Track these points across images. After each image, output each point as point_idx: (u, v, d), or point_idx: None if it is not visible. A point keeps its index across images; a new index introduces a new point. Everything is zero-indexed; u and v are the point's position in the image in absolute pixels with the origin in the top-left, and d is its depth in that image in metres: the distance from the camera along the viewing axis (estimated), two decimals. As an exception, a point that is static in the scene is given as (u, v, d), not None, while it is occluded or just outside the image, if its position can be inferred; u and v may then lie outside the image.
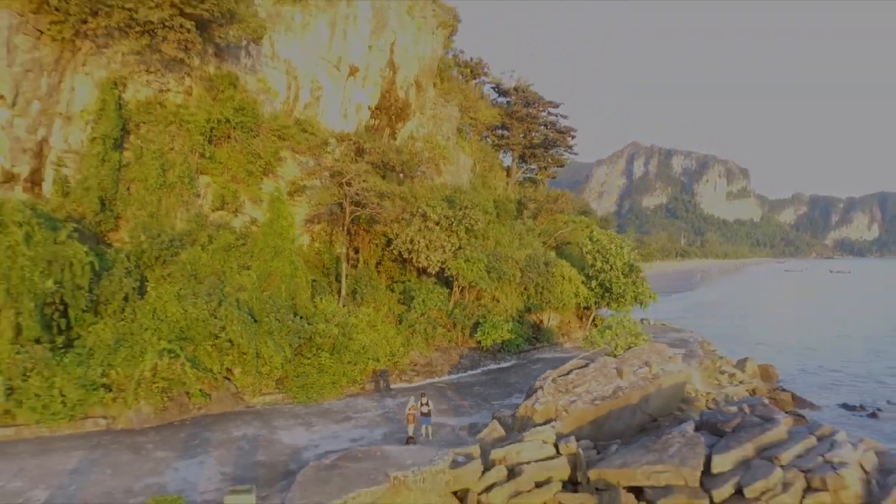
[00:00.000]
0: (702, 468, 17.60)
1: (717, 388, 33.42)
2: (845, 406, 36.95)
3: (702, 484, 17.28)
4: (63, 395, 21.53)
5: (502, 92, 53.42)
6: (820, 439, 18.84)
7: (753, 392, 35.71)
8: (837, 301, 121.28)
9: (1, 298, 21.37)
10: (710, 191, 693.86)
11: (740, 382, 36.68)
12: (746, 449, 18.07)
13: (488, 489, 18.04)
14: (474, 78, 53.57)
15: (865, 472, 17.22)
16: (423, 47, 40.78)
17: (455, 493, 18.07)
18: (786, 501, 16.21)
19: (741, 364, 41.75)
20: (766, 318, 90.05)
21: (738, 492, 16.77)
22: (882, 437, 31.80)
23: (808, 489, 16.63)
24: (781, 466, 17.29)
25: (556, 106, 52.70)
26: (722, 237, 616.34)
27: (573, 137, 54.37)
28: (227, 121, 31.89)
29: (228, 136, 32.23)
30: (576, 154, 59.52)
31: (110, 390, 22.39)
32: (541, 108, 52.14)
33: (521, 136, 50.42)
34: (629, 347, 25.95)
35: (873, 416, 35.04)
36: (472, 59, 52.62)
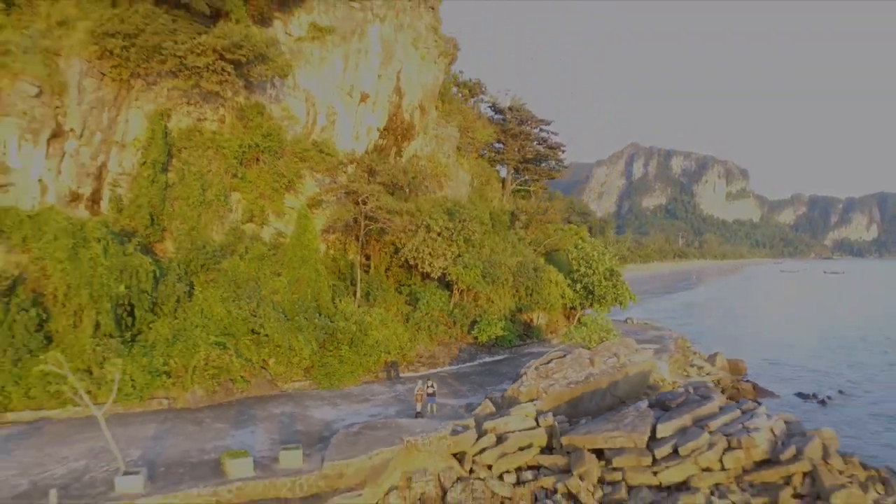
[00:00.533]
0: (649, 434, 22.51)
1: (684, 377, 38.25)
2: (800, 395, 41.80)
3: (648, 446, 22.18)
4: (133, 380, 26.40)
5: (498, 110, 58.39)
6: (744, 412, 23.76)
7: (718, 382, 40.55)
8: (822, 301, 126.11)
9: (85, 300, 26.26)
10: (710, 191, 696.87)
11: (707, 374, 41.61)
12: (685, 419, 22.96)
13: (481, 452, 22.92)
14: (472, 97, 58.66)
15: (775, 435, 22.09)
16: (426, 75, 45.66)
17: (455, 455, 22.95)
18: (709, 457, 21.13)
19: (712, 358, 46.55)
20: (749, 317, 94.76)
21: (675, 451, 21.65)
22: (826, 420, 36.72)
23: (728, 448, 21.52)
24: (710, 432, 22.20)
25: (548, 123, 57.72)
26: (721, 238, 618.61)
27: (563, 152, 59.27)
28: (257, 145, 36.77)
29: (257, 159, 37.11)
30: (566, 167, 64.28)
31: (170, 376, 27.24)
32: (533, 126, 57.07)
33: (516, 150, 55.36)
34: (601, 341, 30.79)
35: (822, 403, 39.91)
36: (470, 80, 57.69)
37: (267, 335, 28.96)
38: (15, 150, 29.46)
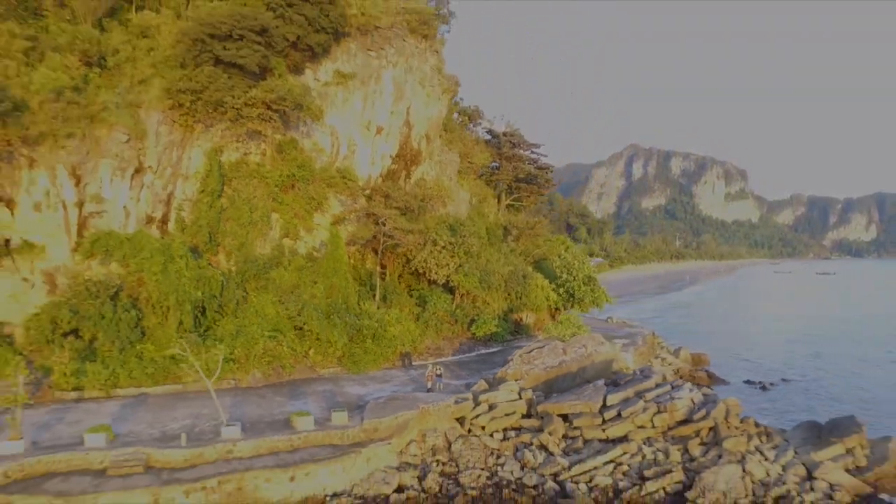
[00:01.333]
0: (601, 402, 30.55)
1: (647, 366, 46.21)
2: (748, 382, 49.81)
3: (600, 411, 30.22)
4: (208, 366, 34.39)
5: (494, 135, 66.37)
6: (674, 387, 31.80)
7: (677, 371, 48.58)
8: (802, 301, 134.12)
9: (172, 303, 34.29)
10: (709, 192, 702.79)
11: (669, 364, 49.64)
12: (628, 392, 31.01)
13: (477, 416, 30.93)
14: (471, 122, 66.68)
15: (693, 403, 30.13)
16: (432, 109, 53.66)
17: (457, 419, 30.94)
18: (643, 418, 29.17)
19: (677, 352, 54.74)
20: (728, 315, 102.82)
21: (619, 414, 29.68)
22: (761, 400, 44.68)
23: (658, 412, 29.54)
24: (645, 401, 30.23)
25: (538, 146, 65.85)
26: (720, 238, 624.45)
27: (551, 173, 67.14)
28: (293, 174, 44.78)
29: (293, 185, 45.12)
30: (554, 185, 72.37)
31: (235, 362, 35.20)
32: (525, 149, 65.02)
33: (510, 171, 63.25)
34: (574, 335, 38.79)
35: (764, 388, 47.91)
36: (469, 107, 65.78)
37: (309, 330, 36.98)
38: (108, 184, 37.52)
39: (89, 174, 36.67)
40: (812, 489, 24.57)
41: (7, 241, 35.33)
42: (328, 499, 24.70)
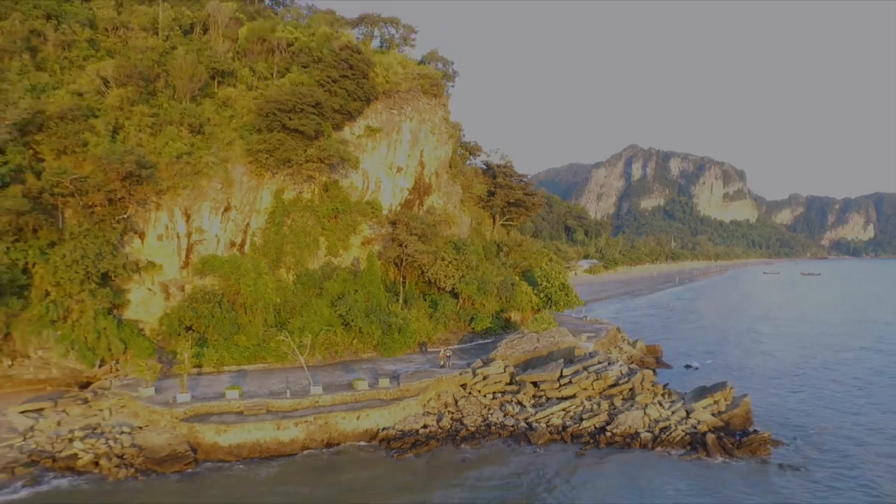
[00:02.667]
0: (559, 373, 45.37)
1: (595, 350, 60.87)
2: (686, 366, 64.47)
3: (558, 379, 45.01)
4: (286, 351, 49.23)
5: (490, 167, 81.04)
6: (609, 363, 46.68)
7: (630, 358, 63.21)
8: (772, 301, 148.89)
9: (260, 306, 49.13)
10: (707, 193, 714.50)
11: (625, 352, 64.30)
12: (577, 366, 45.89)
13: (475, 383, 45.76)
14: (471, 156, 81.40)
15: (621, 373, 44.99)
16: (440, 151, 68.42)
17: (461, 385, 45.76)
18: (585, 382, 44.04)
19: (634, 343, 69.34)
20: (696, 312, 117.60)
21: (570, 381, 44.50)
22: (695, 377, 59.07)
23: (596, 379, 44.39)
24: (588, 372, 45.10)
25: (526, 176, 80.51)
26: (718, 238, 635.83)
27: (536, 197, 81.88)
28: (335, 208, 59.57)
29: (335, 216, 59.89)
30: (540, 206, 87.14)
31: (304, 348, 50.01)
32: (516, 179, 79.63)
33: (503, 196, 77.90)
34: (546, 329, 53.56)
35: (696, 369, 62.59)
36: (470, 143, 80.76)
37: (354, 325, 51.80)
38: (207, 219, 52.32)
39: (195, 213, 51.53)
40: (685, 422, 39.34)
41: (136, 263, 50.13)
42: (381, 430, 39.50)
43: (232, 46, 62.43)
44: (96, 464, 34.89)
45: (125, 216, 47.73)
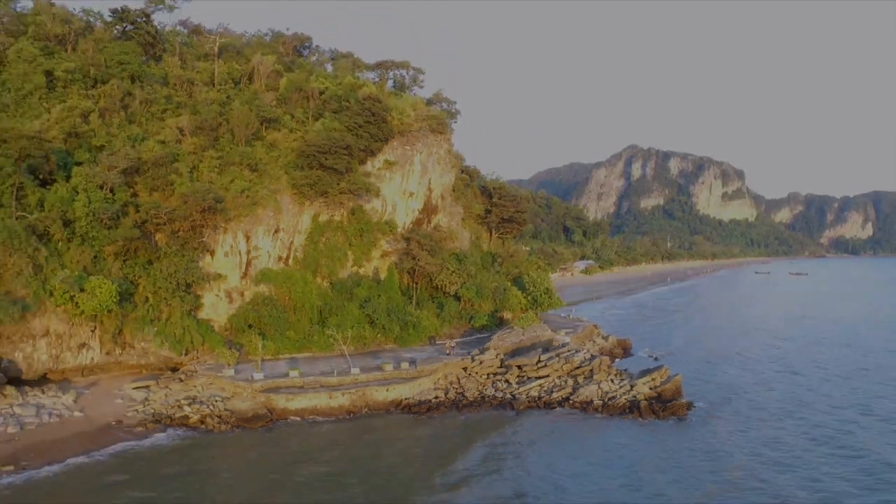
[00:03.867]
0: (537, 358, 60.03)
1: (580, 344, 75.42)
2: (649, 356, 78.84)
3: (536, 363, 59.56)
4: (326, 343, 63.82)
5: (486, 190, 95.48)
6: (577, 351, 61.34)
7: (601, 349, 77.64)
8: (751, 300, 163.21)
9: (307, 308, 63.76)
10: (706, 192, 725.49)
11: (597, 344, 78.84)
12: (552, 353, 60.63)
13: (474, 367, 60.43)
14: (471, 179, 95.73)
15: (585, 358, 59.62)
16: (444, 178, 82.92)
17: (463, 367, 60.41)
18: (557, 365, 58.76)
19: (607, 337, 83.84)
20: (672, 310, 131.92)
21: (545, 364, 59.15)
22: (649, 364, 73.43)
23: (565, 363, 59.04)
24: (559, 357, 59.75)
25: (517, 197, 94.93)
26: (718, 237, 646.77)
27: (526, 214, 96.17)
28: (360, 228, 74.16)
29: (360, 234, 74.47)
30: (528, 222, 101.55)
31: (340, 341, 64.61)
32: (508, 198, 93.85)
33: (497, 213, 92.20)
34: (529, 325, 68.10)
35: (655, 359, 77.01)
36: (470, 167, 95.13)
37: (378, 323, 66.41)
38: (261, 239, 66.92)
39: (253, 234, 66.12)
40: (628, 394, 53.83)
41: (208, 274, 64.62)
42: (403, 400, 54.05)
43: (274, 95, 76.95)
44: (202, 421, 49.51)
45: (202, 239, 62.30)
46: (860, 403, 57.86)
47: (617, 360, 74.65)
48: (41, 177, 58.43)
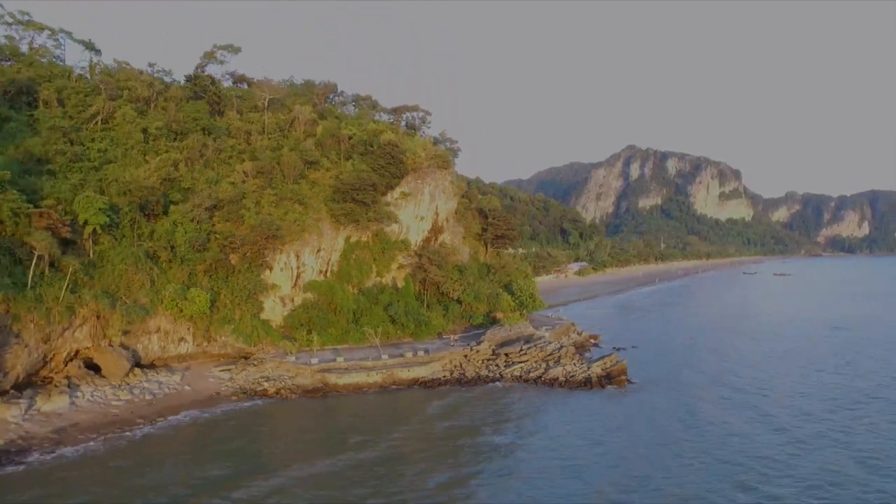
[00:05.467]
0: (520, 348, 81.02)
1: (557, 338, 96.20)
2: (614, 348, 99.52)
3: (519, 350, 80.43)
4: (361, 337, 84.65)
5: (483, 212, 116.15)
6: (550, 342, 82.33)
7: (575, 343, 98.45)
8: (727, 301, 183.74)
9: (345, 310, 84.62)
10: (703, 192, 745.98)
11: (571, 339, 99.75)
12: (531, 343, 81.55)
13: (472, 354, 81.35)
14: (470, 203, 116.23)
15: (556, 348, 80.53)
16: (449, 203, 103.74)
17: (464, 356, 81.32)
18: (534, 352, 79.79)
19: (581, 333, 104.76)
20: (647, 309, 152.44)
21: (525, 352, 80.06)
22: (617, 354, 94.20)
23: (540, 350, 79.95)
24: (536, 347, 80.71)
25: (509, 219, 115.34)
26: (715, 236, 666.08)
27: (515, 231, 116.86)
28: (382, 247, 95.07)
29: (382, 252, 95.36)
30: (519, 236, 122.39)
31: (363, 337, 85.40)
32: (501, 220, 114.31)
33: (492, 231, 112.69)
34: (515, 323, 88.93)
35: (622, 350, 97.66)
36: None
37: (398, 322, 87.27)
38: (307, 257, 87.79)
39: (301, 254, 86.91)
40: (585, 373, 74.55)
41: (267, 285, 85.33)
42: (420, 378, 74.88)
43: (313, 140, 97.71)
44: (277, 392, 70.30)
45: (264, 258, 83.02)
46: (765, 380, 78.50)
47: (589, 352, 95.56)
48: (146, 213, 79.15)
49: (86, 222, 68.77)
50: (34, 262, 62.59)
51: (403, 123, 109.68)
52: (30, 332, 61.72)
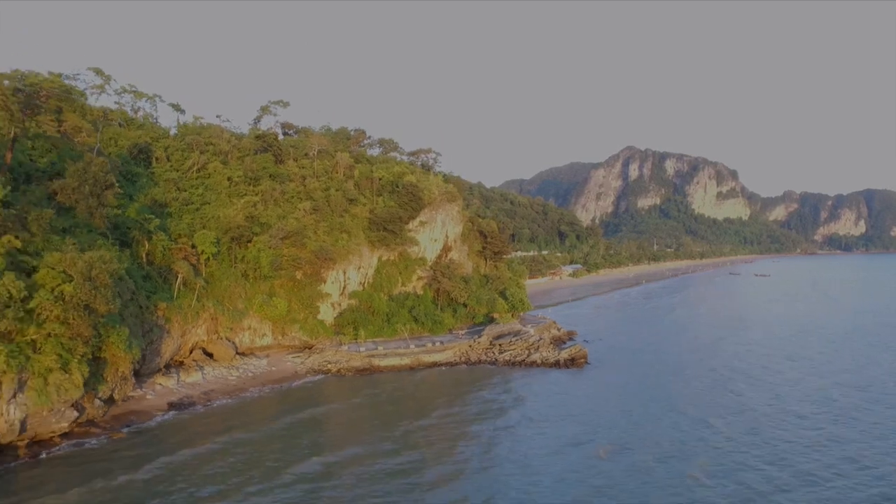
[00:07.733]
0: (510, 339, 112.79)
1: (540, 333, 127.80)
2: (584, 341, 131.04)
3: (509, 341, 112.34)
4: (392, 333, 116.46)
5: (483, 232, 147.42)
6: (531, 336, 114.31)
7: (554, 337, 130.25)
8: (695, 300, 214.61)
9: (382, 312, 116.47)
10: (701, 192, 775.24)
11: (551, 333, 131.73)
12: (518, 337, 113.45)
13: (475, 344, 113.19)
14: (472, 225, 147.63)
15: (536, 339, 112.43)
16: (457, 228, 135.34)
17: (469, 346, 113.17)
18: (519, 343, 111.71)
19: (560, 329, 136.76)
20: (620, 308, 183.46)
21: (514, 343, 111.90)
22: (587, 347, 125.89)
23: (523, 341, 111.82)
24: (521, 339, 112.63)
25: (504, 235, 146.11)
26: (712, 236, 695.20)
27: (508, 247, 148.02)
28: (406, 264, 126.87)
29: (406, 267, 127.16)
30: (513, 250, 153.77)
31: (395, 332, 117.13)
32: (497, 238, 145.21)
33: (491, 248, 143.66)
34: (507, 322, 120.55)
35: (586, 342, 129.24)
36: (471, 215, 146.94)
37: (419, 321, 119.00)
38: (351, 273, 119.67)
39: (347, 270, 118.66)
40: (556, 357, 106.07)
41: (321, 294, 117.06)
42: (438, 362, 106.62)
43: (353, 182, 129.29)
44: (338, 371, 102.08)
45: (320, 274, 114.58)
46: (685, 362, 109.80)
47: (564, 343, 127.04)
48: (238, 242, 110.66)
49: (202, 251, 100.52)
50: (176, 281, 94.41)
51: (419, 163, 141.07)
52: (175, 329, 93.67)
